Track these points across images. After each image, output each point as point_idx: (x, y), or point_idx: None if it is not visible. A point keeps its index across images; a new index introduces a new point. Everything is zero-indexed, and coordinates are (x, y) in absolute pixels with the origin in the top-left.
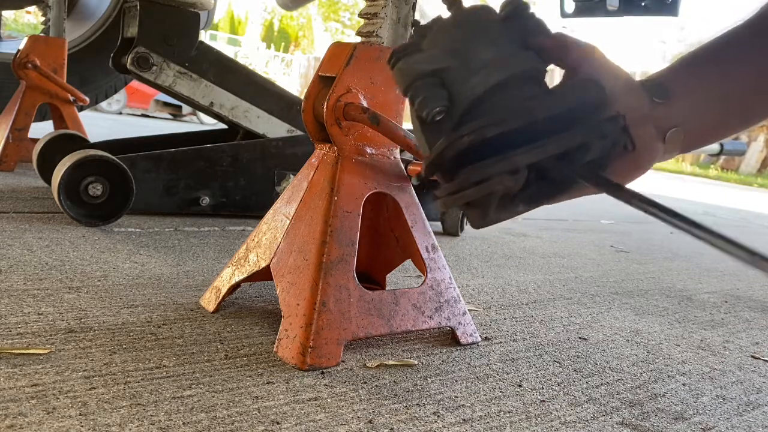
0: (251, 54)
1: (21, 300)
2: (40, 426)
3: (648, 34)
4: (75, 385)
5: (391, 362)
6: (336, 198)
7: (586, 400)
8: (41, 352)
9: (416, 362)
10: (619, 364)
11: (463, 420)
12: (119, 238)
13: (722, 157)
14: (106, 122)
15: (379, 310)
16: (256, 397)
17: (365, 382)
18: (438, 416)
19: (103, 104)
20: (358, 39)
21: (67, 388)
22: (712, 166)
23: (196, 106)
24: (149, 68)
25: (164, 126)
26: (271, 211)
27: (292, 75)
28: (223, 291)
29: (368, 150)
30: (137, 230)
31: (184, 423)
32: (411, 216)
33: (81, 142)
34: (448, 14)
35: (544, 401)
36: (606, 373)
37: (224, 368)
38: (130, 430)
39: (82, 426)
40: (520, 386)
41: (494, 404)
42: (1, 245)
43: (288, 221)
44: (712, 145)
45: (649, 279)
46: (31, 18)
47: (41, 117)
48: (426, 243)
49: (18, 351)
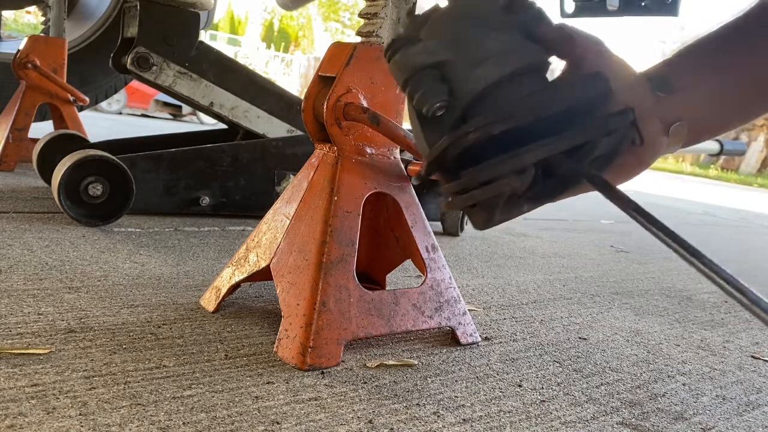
0: (251, 54)
1: (21, 300)
2: (40, 426)
3: (648, 34)
4: (75, 385)
5: (391, 362)
6: (336, 198)
7: (586, 400)
8: (41, 352)
9: (416, 362)
10: (619, 364)
11: (463, 420)
12: (119, 238)
13: (722, 157)
14: (106, 122)
15: (379, 310)
16: (256, 397)
17: (365, 382)
18: (438, 416)
19: (103, 104)
20: (358, 39)
21: (67, 388)
22: (712, 166)
23: (196, 106)
24: (149, 68)
25: (164, 126)
26: (271, 211)
27: (292, 75)
28: (223, 291)
29: (368, 150)
30: (137, 230)
31: (184, 423)
32: (411, 216)
33: (81, 142)
34: (446, 3)
35: (544, 401)
36: (606, 373)
37: (224, 368)
38: (130, 430)
39: (82, 426)
40: (520, 386)
41: (494, 404)
42: (1, 245)
43: (288, 221)
44: (712, 145)
45: (649, 279)
46: (31, 18)
47: (41, 117)
48: (426, 243)
49: (18, 351)
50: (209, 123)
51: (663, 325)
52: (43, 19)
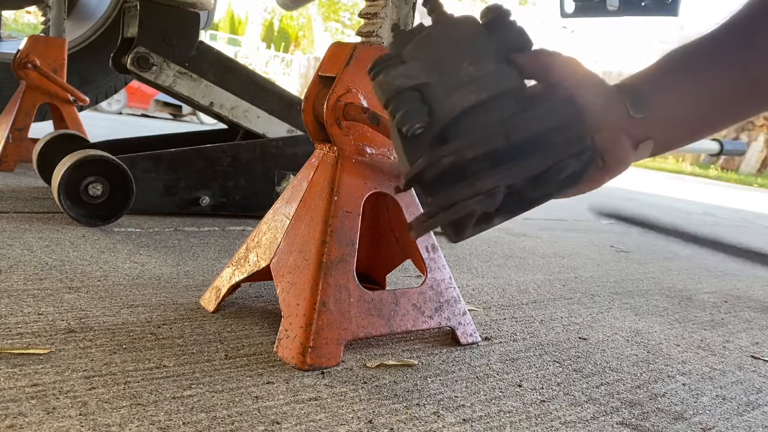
0: (251, 54)
1: (21, 300)
2: (40, 426)
3: (648, 34)
4: (75, 385)
5: (391, 362)
6: (336, 198)
7: (586, 400)
8: (41, 352)
9: (416, 362)
10: (619, 364)
11: (463, 420)
12: (119, 238)
13: (722, 157)
14: (106, 122)
15: (379, 310)
16: (256, 397)
17: (365, 382)
18: (438, 416)
19: (103, 104)
20: (358, 39)
21: (67, 388)
22: (712, 166)
23: (196, 106)
24: (149, 68)
25: (164, 126)
26: (271, 211)
27: (292, 75)
28: (223, 291)
29: (368, 150)
30: (137, 230)
31: (184, 423)
32: (411, 216)
33: (81, 142)
34: (430, 22)
35: (544, 401)
36: (606, 373)
37: (224, 368)
38: (130, 430)
39: (82, 426)
40: (520, 386)
41: (494, 404)
42: (1, 245)
43: (288, 221)
44: (712, 145)
45: (649, 279)
46: (31, 18)
47: (41, 117)
48: (426, 243)
49: (18, 351)
50: (209, 123)
51: (663, 325)
52: (43, 19)
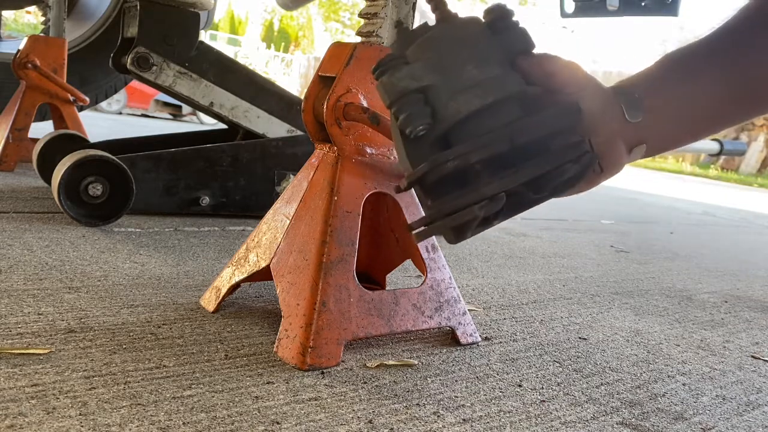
0: (251, 54)
1: (21, 300)
2: (40, 426)
3: (648, 34)
4: (75, 385)
5: (391, 362)
6: (336, 198)
7: (586, 400)
8: (41, 352)
9: (416, 362)
10: (619, 364)
11: (463, 420)
12: (119, 238)
13: (722, 157)
14: (106, 122)
15: (379, 310)
16: (256, 397)
17: (365, 382)
18: (438, 416)
19: (103, 104)
20: (358, 39)
21: (67, 388)
22: (712, 166)
23: (196, 106)
24: (149, 68)
25: (164, 126)
26: (271, 211)
27: (292, 75)
28: (223, 291)
29: (368, 150)
30: (137, 230)
31: (184, 423)
32: (411, 216)
33: (81, 142)
34: (434, 21)
35: (544, 401)
36: (606, 373)
37: (224, 368)
38: (130, 430)
39: (82, 426)
40: (520, 386)
41: (494, 404)
42: (1, 245)
43: (288, 221)
44: (712, 145)
45: (649, 279)
46: (31, 18)
47: (41, 117)
48: (426, 243)
49: (18, 351)
50: (209, 123)
51: (663, 325)
52: (43, 19)
